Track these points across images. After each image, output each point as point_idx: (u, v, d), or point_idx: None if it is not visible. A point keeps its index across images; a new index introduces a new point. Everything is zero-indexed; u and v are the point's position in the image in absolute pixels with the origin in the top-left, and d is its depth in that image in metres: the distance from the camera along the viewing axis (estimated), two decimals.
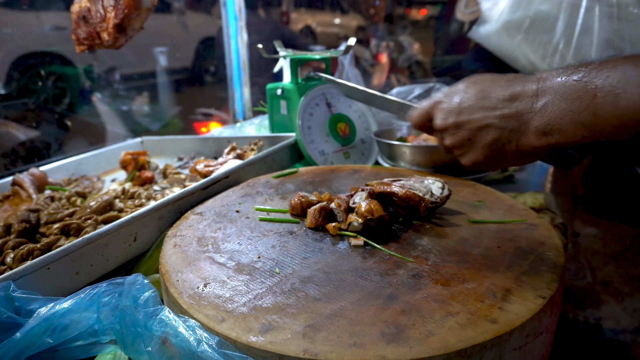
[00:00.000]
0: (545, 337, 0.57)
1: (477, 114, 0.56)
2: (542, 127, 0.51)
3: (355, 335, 0.51)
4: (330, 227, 0.72)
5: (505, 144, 0.55)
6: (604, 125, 0.45)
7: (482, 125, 0.56)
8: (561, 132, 0.49)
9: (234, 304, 0.57)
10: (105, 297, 0.57)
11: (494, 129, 0.55)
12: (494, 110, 0.54)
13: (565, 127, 0.48)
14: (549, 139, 0.51)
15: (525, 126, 0.52)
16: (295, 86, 1.25)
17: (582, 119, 0.47)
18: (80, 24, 1.06)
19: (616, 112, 0.44)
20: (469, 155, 0.60)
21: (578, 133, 0.48)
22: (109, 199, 0.90)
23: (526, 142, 0.53)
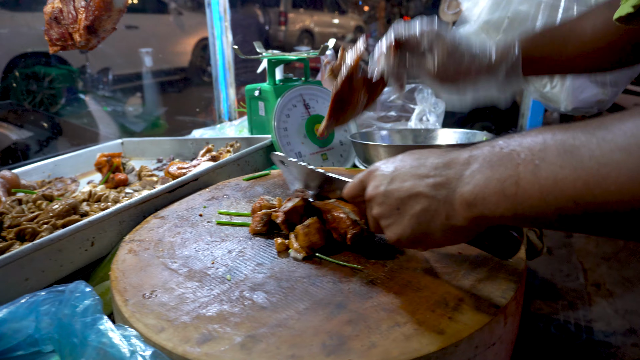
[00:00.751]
0: (498, 348, 0.55)
1: (409, 181, 0.52)
2: (467, 195, 0.46)
3: (295, 347, 0.49)
4: (277, 242, 0.69)
5: (433, 215, 0.50)
6: (524, 197, 0.41)
7: (412, 193, 0.51)
8: (485, 202, 0.45)
9: (177, 312, 0.55)
10: (44, 306, 0.56)
11: (424, 198, 0.50)
12: (427, 178, 0.50)
13: (489, 196, 0.44)
14: (474, 210, 0.46)
15: (453, 195, 0.48)
16: (272, 87, 1.24)
17: (504, 187, 0.43)
18: (53, 25, 1.05)
19: (537, 182, 0.40)
20: (394, 228, 0.54)
21: (501, 204, 0.43)
22: (73, 202, 0.88)
23: (453, 214, 0.48)
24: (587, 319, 2.52)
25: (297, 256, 0.66)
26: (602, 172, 0.36)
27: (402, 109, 1.55)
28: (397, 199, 0.53)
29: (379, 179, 0.56)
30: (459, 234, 0.51)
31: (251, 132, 1.39)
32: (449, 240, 0.52)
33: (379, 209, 0.55)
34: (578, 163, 0.38)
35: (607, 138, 0.37)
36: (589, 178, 0.37)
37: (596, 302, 2.64)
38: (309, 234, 0.67)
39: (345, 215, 0.67)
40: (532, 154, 0.41)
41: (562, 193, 0.39)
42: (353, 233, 0.65)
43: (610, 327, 2.45)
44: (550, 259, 3.08)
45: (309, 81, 1.30)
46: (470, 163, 0.47)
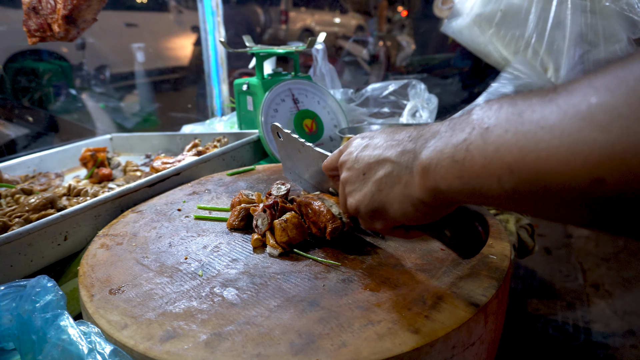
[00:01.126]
0: (478, 348, 0.52)
1: (379, 149, 0.51)
2: (424, 159, 0.43)
3: (261, 346, 0.46)
4: (252, 238, 0.67)
5: (394, 182, 0.48)
6: (471, 164, 0.38)
7: (380, 159, 0.50)
8: (437, 169, 0.42)
9: (143, 309, 0.53)
10: (4, 301, 0.53)
11: (389, 163, 0.49)
12: (397, 146, 0.49)
13: (442, 161, 0.41)
14: (429, 177, 0.43)
15: (415, 162, 0.46)
16: (260, 81, 1.21)
17: (455, 152, 0.40)
18: (31, 15, 1.02)
19: (483, 146, 0.37)
20: (356, 194, 0.53)
21: (451, 172, 0.40)
22: (50, 197, 0.86)
23: (411, 181, 0.46)
24: (585, 319, 2.49)
25: (273, 252, 0.64)
26: (538, 135, 0.32)
27: (395, 104, 1.52)
28: (365, 164, 0.52)
29: (354, 147, 0.56)
30: (416, 210, 0.47)
31: (240, 127, 1.36)
32: (406, 215, 0.48)
33: (347, 173, 0.55)
34: (519, 126, 0.34)
35: (555, 100, 0.33)
36: (525, 142, 0.33)
37: (595, 303, 2.61)
38: (286, 229, 0.64)
39: (325, 209, 0.65)
40: (487, 117, 0.38)
41: (501, 160, 0.35)
42: (333, 227, 0.63)
43: (609, 328, 2.42)
44: (549, 259, 3.05)
45: (299, 76, 1.27)
46: (436, 133, 0.44)
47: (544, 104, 0.33)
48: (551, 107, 0.32)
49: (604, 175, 0.28)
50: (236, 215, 0.72)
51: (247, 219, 0.72)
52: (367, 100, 1.52)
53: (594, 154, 0.28)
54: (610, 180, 0.28)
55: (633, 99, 0.27)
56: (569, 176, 0.30)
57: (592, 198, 0.30)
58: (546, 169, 0.32)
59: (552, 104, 0.32)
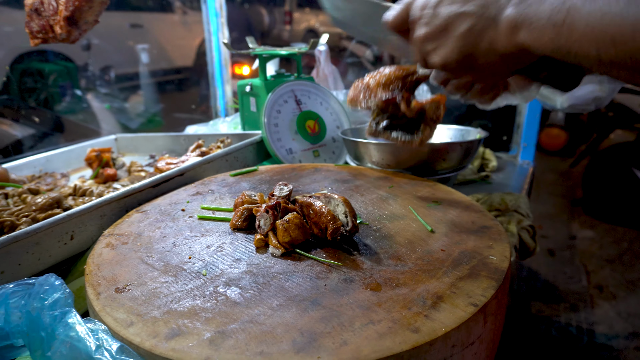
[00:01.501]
0: (478, 347, 0.53)
1: (456, 4, 0.51)
2: (513, 16, 0.45)
3: (264, 344, 0.47)
4: (255, 238, 0.68)
5: (479, 36, 0.49)
6: (571, 28, 0.39)
7: (460, 12, 0.50)
8: (530, 27, 0.43)
9: (148, 307, 0.54)
10: (14, 298, 0.55)
11: (470, 17, 0.49)
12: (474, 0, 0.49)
13: (536, 21, 0.42)
14: (518, 35, 0.45)
15: (499, 16, 0.46)
16: (263, 82, 1.22)
17: (553, 14, 0.41)
18: (34, 17, 1.04)
19: (585, 14, 0.38)
20: (440, 50, 0.53)
21: (546, 32, 0.42)
22: (56, 196, 0.87)
23: (497, 37, 0.47)
24: (589, 321, 2.49)
25: (275, 252, 0.65)
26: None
27: None
28: (444, 18, 0.51)
29: (425, 1, 0.54)
30: (504, 61, 0.49)
31: (243, 128, 1.37)
32: (495, 67, 0.50)
33: (424, 30, 0.53)
34: (627, 5, 0.35)
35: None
36: (635, 22, 0.34)
37: (599, 305, 2.61)
38: (288, 229, 0.65)
39: (326, 210, 0.65)
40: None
41: (604, 31, 0.36)
42: (333, 228, 0.64)
43: (612, 330, 2.42)
44: (553, 260, 3.05)
45: (302, 77, 1.28)
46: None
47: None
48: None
49: None
50: (239, 215, 0.73)
51: (250, 220, 0.73)
52: None
53: None
54: None
55: None
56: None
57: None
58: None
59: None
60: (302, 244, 0.66)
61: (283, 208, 0.70)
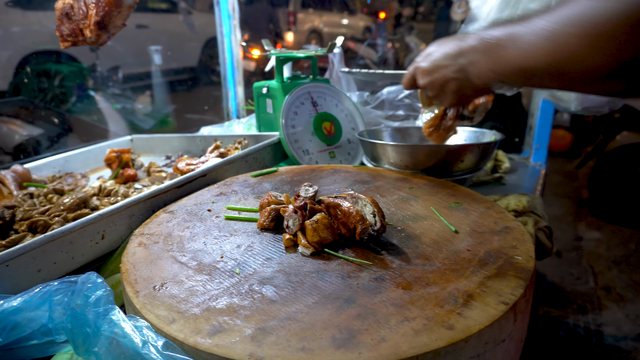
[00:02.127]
0: (508, 345, 0.55)
1: (440, 72, 0.79)
2: (476, 74, 0.72)
3: (305, 340, 0.49)
4: (284, 238, 0.70)
5: (463, 87, 0.77)
6: (504, 69, 0.65)
7: (446, 79, 0.78)
8: (480, 77, 0.71)
9: (187, 304, 0.56)
10: (57, 296, 0.56)
11: (454, 81, 0.77)
12: (449, 67, 0.76)
13: (485, 73, 0.69)
14: (484, 79, 0.71)
15: (470, 75, 0.73)
16: (280, 85, 1.24)
17: (492, 67, 0.67)
18: (64, 21, 1.06)
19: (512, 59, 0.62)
20: (445, 102, 0.83)
21: (492, 77, 0.68)
22: (83, 197, 0.89)
23: (475, 84, 0.74)
24: (597, 323, 2.49)
25: (305, 252, 0.66)
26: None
27: (410, 107, 1.55)
28: (439, 85, 0.81)
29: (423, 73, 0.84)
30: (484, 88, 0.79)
31: (259, 129, 1.39)
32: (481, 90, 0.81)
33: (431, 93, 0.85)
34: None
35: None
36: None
37: (606, 306, 2.61)
38: (317, 229, 0.67)
39: (354, 210, 0.67)
40: (498, 39, 0.66)
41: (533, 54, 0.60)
42: (362, 228, 0.65)
43: (620, 331, 2.43)
44: (560, 262, 3.06)
45: (317, 79, 1.30)
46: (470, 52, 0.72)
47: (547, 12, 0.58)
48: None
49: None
50: (266, 215, 0.75)
51: (277, 220, 0.75)
52: (382, 103, 1.54)
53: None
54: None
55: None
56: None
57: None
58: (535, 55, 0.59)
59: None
60: (330, 244, 0.68)
61: (310, 209, 0.72)
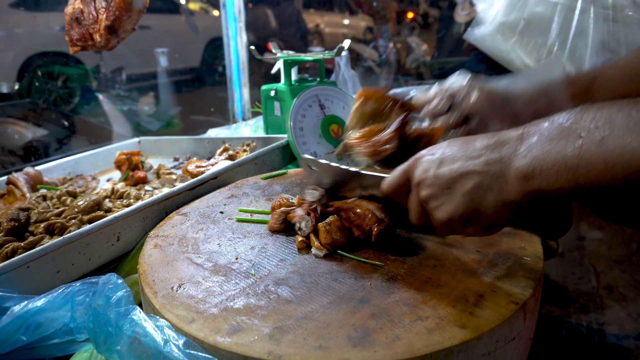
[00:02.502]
0: (518, 343, 0.56)
1: (459, 162, 0.53)
2: (524, 168, 0.47)
3: (321, 338, 0.50)
4: (297, 240, 0.71)
5: (486, 191, 0.51)
6: (588, 169, 0.43)
7: (464, 172, 0.52)
8: (543, 175, 0.46)
9: (205, 304, 0.57)
10: (79, 296, 0.58)
11: (476, 175, 0.51)
12: (477, 158, 0.52)
13: (548, 168, 0.45)
14: (531, 183, 0.47)
15: (507, 170, 0.49)
16: (288, 87, 1.26)
17: (566, 159, 0.44)
18: (74, 26, 1.07)
19: (602, 154, 0.42)
20: (445, 207, 0.54)
21: (562, 176, 0.45)
22: (97, 199, 0.91)
23: (506, 188, 0.49)
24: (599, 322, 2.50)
25: (318, 253, 0.68)
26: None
27: None
28: (448, 179, 0.53)
29: (427, 164, 0.56)
30: (509, 210, 0.51)
31: (266, 131, 1.41)
32: (500, 217, 0.52)
33: (428, 191, 0.55)
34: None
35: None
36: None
37: (609, 306, 2.62)
38: (330, 231, 0.68)
39: (370, 213, 0.68)
40: (596, 128, 0.43)
41: (629, 163, 0.41)
42: (379, 229, 0.67)
43: (623, 330, 2.44)
44: (562, 261, 3.07)
45: (324, 82, 1.31)
46: (524, 139, 0.49)
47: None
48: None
49: None
50: (276, 218, 0.76)
51: (287, 222, 0.77)
52: None
53: None
54: None
55: None
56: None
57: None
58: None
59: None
60: (342, 246, 0.70)
61: (321, 212, 0.73)
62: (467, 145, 0.54)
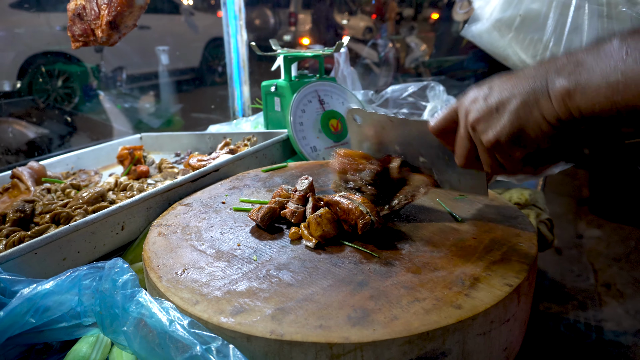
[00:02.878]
0: (512, 324, 0.58)
1: (506, 89, 0.56)
2: (566, 86, 0.49)
3: (322, 318, 0.52)
4: (290, 231, 0.72)
5: (531, 108, 0.53)
6: (627, 84, 0.44)
7: (512, 94, 0.55)
8: (585, 92, 0.48)
9: (209, 288, 0.59)
10: (86, 280, 0.60)
11: (524, 94, 0.53)
12: (524, 82, 0.54)
13: (591, 84, 0.47)
14: (572, 101, 0.49)
15: (553, 86, 0.51)
16: (288, 83, 1.27)
17: (608, 75, 0.46)
18: (76, 21, 1.09)
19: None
20: (494, 127, 0.56)
21: (601, 92, 0.46)
22: (100, 190, 0.93)
23: (550, 105, 0.51)
24: (597, 318, 2.52)
25: (308, 244, 0.69)
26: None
27: (414, 106, 1.58)
28: (497, 101, 0.56)
29: (476, 93, 0.59)
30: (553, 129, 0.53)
31: (267, 127, 1.42)
32: (544, 135, 0.54)
33: (477, 114, 0.58)
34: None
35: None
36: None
37: (606, 303, 2.64)
38: (321, 223, 0.69)
39: (354, 206, 0.68)
40: (636, 47, 0.45)
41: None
42: (364, 222, 0.67)
43: (620, 327, 2.46)
44: (560, 259, 3.09)
45: (324, 77, 1.33)
46: (569, 59, 0.51)
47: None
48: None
49: None
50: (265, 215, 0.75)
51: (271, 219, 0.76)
52: (386, 101, 1.58)
53: None
54: None
55: None
56: None
57: None
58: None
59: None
60: (333, 238, 0.70)
61: (313, 205, 0.74)
62: (512, 77, 0.56)
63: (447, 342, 0.51)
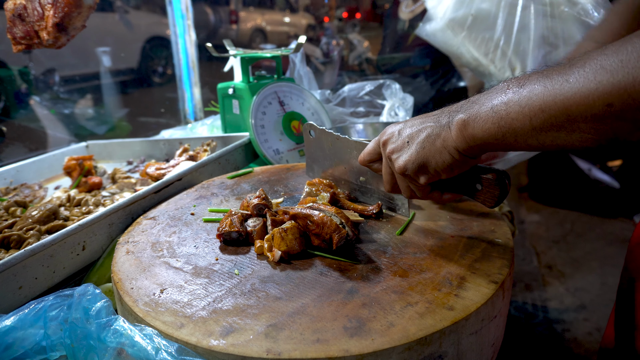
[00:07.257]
0: (499, 320, 0.59)
1: (417, 124, 0.64)
2: (463, 118, 0.58)
3: (318, 332, 0.51)
4: (256, 245, 0.68)
5: (435, 139, 0.61)
6: (509, 112, 0.53)
7: (420, 128, 0.64)
8: (477, 120, 0.56)
9: (192, 308, 0.56)
10: (52, 311, 0.54)
11: (429, 128, 0.62)
12: (433, 118, 0.63)
13: (482, 114, 0.55)
14: (468, 129, 0.57)
15: (453, 120, 0.59)
16: (247, 85, 1.24)
17: (495, 106, 0.54)
18: (16, 23, 0.99)
19: (518, 99, 0.52)
20: (403, 156, 0.65)
21: (489, 120, 0.55)
22: (52, 207, 0.85)
23: (450, 135, 0.59)
24: (542, 298, 2.70)
25: (271, 260, 0.65)
26: (565, 85, 0.47)
27: (370, 104, 1.59)
28: (408, 135, 0.65)
29: (392, 128, 0.69)
30: (453, 158, 0.60)
31: (225, 130, 1.38)
32: (444, 164, 0.61)
33: (392, 146, 0.67)
34: (548, 81, 0.49)
35: (574, 64, 0.48)
36: (554, 89, 0.48)
37: (549, 283, 2.83)
38: (285, 238, 0.65)
39: (328, 220, 0.65)
40: (517, 81, 0.54)
41: (533, 105, 0.50)
42: (339, 236, 0.64)
43: (563, 304, 2.64)
44: None
45: (283, 78, 1.31)
46: (470, 100, 0.60)
47: (565, 68, 0.48)
48: (571, 68, 0.47)
49: (613, 101, 0.44)
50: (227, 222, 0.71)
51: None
52: (343, 100, 1.58)
53: (606, 88, 0.44)
54: (616, 104, 0.44)
55: (632, 55, 0.43)
56: (588, 105, 0.45)
57: (602, 118, 0.45)
58: (571, 103, 0.47)
59: (572, 67, 0.48)
60: (299, 255, 0.67)
61: (272, 221, 0.70)
62: (426, 116, 0.66)
63: (443, 345, 0.51)
